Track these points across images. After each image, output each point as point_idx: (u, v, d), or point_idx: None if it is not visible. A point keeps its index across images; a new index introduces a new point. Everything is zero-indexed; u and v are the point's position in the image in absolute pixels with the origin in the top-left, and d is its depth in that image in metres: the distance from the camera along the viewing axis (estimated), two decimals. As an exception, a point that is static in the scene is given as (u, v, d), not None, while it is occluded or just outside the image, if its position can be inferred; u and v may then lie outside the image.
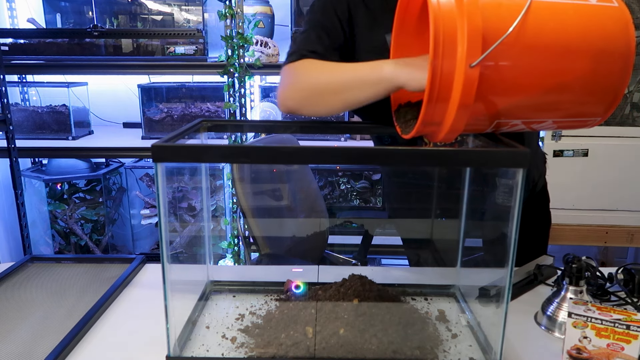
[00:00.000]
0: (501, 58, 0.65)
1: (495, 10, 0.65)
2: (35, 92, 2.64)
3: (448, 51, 0.64)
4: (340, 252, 1.86)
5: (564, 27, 0.67)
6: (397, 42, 0.87)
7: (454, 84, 0.64)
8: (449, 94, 0.65)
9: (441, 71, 0.64)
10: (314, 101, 0.86)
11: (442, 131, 0.69)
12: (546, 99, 0.70)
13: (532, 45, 0.66)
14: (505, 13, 0.65)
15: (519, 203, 0.67)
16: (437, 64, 0.64)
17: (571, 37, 0.67)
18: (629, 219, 2.21)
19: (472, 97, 0.64)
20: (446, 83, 0.65)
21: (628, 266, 0.99)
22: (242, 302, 0.94)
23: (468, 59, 0.62)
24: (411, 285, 0.98)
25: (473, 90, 0.64)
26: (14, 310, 0.95)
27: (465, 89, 0.63)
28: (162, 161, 0.68)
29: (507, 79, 0.67)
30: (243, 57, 2.16)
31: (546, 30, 0.66)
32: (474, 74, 0.63)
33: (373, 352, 0.76)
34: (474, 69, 0.62)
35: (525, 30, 0.65)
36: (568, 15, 0.68)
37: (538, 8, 0.66)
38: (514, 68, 0.67)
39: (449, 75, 0.64)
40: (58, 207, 2.48)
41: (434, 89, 0.65)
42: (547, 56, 0.66)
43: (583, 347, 0.74)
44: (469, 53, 0.62)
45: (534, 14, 0.65)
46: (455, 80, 0.64)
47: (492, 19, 0.64)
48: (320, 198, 1.84)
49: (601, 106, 0.72)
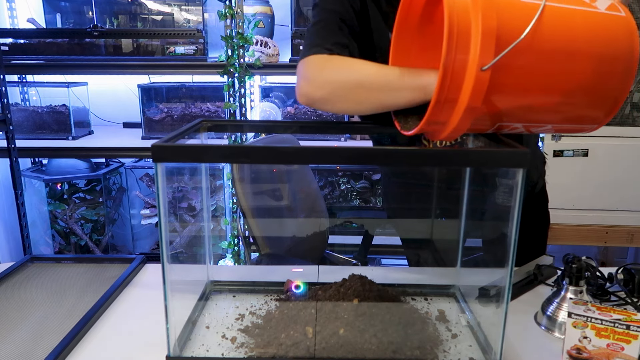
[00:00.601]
0: (511, 61, 0.64)
1: (509, 12, 0.65)
2: (35, 92, 2.64)
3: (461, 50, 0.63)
4: (341, 252, 1.86)
5: (572, 33, 0.67)
6: (397, 44, 0.87)
7: (464, 86, 0.64)
8: (457, 95, 0.65)
9: (452, 71, 0.64)
10: (344, 96, 0.83)
11: (445, 130, 0.69)
12: (550, 103, 0.70)
13: (543, 50, 0.66)
14: (519, 15, 0.65)
15: (519, 203, 0.67)
16: (449, 62, 0.63)
17: (579, 43, 0.67)
18: (629, 219, 2.21)
19: (480, 99, 0.64)
20: (456, 84, 0.64)
21: (628, 266, 1.00)
22: (242, 302, 0.94)
23: (480, 62, 0.62)
24: (411, 285, 0.98)
25: (482, 93, 0.63)
26: (14, 310, 0.95)
27: (474, 92, 0.63)
28: (162, 161, 0.68)
29: (515, 83, 0.67)
30: (243, 57, 2.16)
31: (556, 35, 0.66)
32: (484, 76, 0.62)
33: (373, 352, 0.76)
34: (485, 72, 0.62)
35: (537, 34, 0.65)
36: (576, 22, 0.68)
37: (549, 13, 0.66)
38: (522, 72, 0.66)
39: (459, 76, 0.64)
40: (58, 207, 2.48)
41: (443, 89, 0.65)
42: (556, 61, 0.66)
43: (583, 347, 0.74)
44: (482, 55, 0.62)
45: (545, 18, 0.65)
46: (466, 81, 0.63)
47: (507, 21, 0.64)
48: (321, 198, 1.84)
49: (601, 112, 0.72)
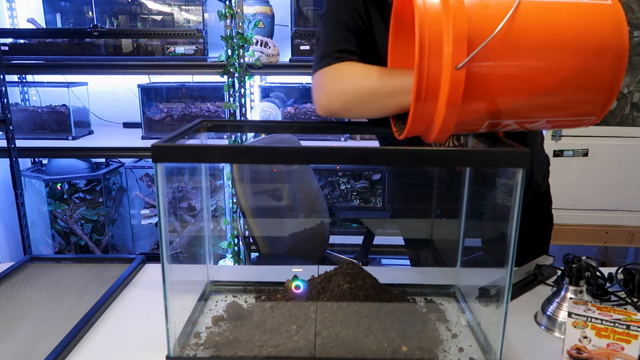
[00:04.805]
0: (489, 59, 0.65)
1: (483, 12, 0.65)
2: (35, 92, 2.64)
3: (434, 53, 0.64)
4: (342, 252, 1.86)
5: (554, 26, 0.66)
6: (393, 47, 0.87)
7: (441, 85, 0.64)
8: (436, 95, 0.65)
9: (427, 73, 0.64)
10: (362, 104, 0.85)
11: (433, 131, 0.70)
12: (538, 99, 0.69)
13: (521, 46, 0.65)
14: (493, 14, 0.65)
15: (519, 203, 0.67)
16: (423, 65, 0.64)
17: (562, 36, 0.66)
18: (629, 219, 2.21)
19: (459, 97, 0.64)
20: (433, 84, 0.65)
21: (628, 266, 1.00)
22: (242, 302, 0.94)
23: (454, 61, 0.63)
24: (411, 285, 0.98)
25: (460, 91, 0.64)
26: (14, 310, 0.95)
27: (452, 90, 0.64)
28: (162, 161, 0.68)
29: (497, 79, 0.67)
30: (243, 57, 2.16)
31: (536, 30, 0.66)
32: (460, 75, 0.63)
33: (373, 352, 0.76)
34: (460, 70, 0.63)
35: (513, 30, 0.65)
36: (559, 14, 0.67)
37: (527, 8, 0.66)
38: (503, 68, 0.66)
39: (435, 77, 0.64)
40: (58, 207, 2.48)
41: (421, 90, 0.65)
42: (537, 56, 0.66)
43: (583, 347, 0.74)
44: (455, 55, 0.63)
45: (522, 14, 0.65)
46: (442, 81, 0.64)
47: (479, 20, 0.64)
48: (321, 198, 1.84)
49: (596, 105, 0.72)
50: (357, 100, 0.85)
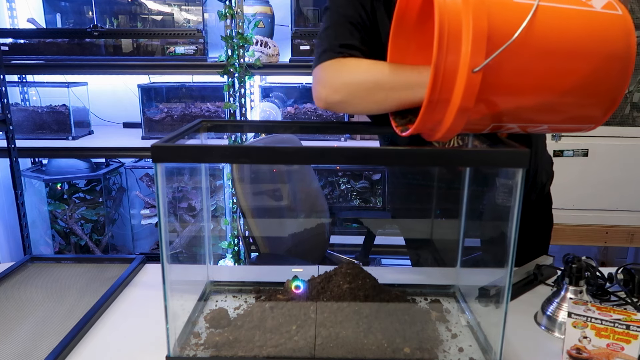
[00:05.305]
0: (504, 62, 0.64)
1: (501, 12, 0.65)
2: (35, 92, 2.64)
3: (452, 50, 0.63)
4: (342, 252, 1.86)
5: (567, 33, 0.66)
6: (394, 44, 0.87)
7: (456, 87, 0.64)
8: (449, 96, 0.65)
9: (444, 72, 0.64)
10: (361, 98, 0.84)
11: (440, 131, 0.69)
12: (546, 104, 0.69)
13: (537, 51, 0.65)
14: (511, 15, 0.64)
15: (518, 203, 0.67)
16: (440, 63, 0.63)
17: (574, 42, 0.66)
18: (629, 219, 2.21)
19: (472, 100, 0.64)
20: (448, 85, 0.64)
21: (628, 266, 1.00)
22: (242, 303, 0.94)
23: (471, 63, 0.62)
24: (411, 286, 0.98)
25: (474, 94, 0.63)
26: (14, 310, 0.95)
27: (466, 93, 0.63)
28: (162, 161, 0.68)
29: (509, 83, 0.67)
30: (243, 57, 2.16)
31: (550, 35, 0.66)
32: (476, 78, 0.62)
33: (373, 352, 0.76)
34: (477, 74, 0.62)
35: (530, 35, 0.64)
36: (572, 21, 0.67)
37: (543, 12, 0.65)
38: (516, 72, 0.66)
39: (451, 77, 0.64)
40: (58, 207, 2.48)
41: (435, 90, 0.65)
42: (551, 61, 0.66)
43: (583, 347, 0.74)
44: (473, 56, 0.62)
45: (539, 18, 0.65)
46: (457, 83, 0.63)
47: (498, 20, 0.64)
48: (322, 198, 1.84)
49: (599, 111, 0.72)
50: (357, 94, 0.84)
